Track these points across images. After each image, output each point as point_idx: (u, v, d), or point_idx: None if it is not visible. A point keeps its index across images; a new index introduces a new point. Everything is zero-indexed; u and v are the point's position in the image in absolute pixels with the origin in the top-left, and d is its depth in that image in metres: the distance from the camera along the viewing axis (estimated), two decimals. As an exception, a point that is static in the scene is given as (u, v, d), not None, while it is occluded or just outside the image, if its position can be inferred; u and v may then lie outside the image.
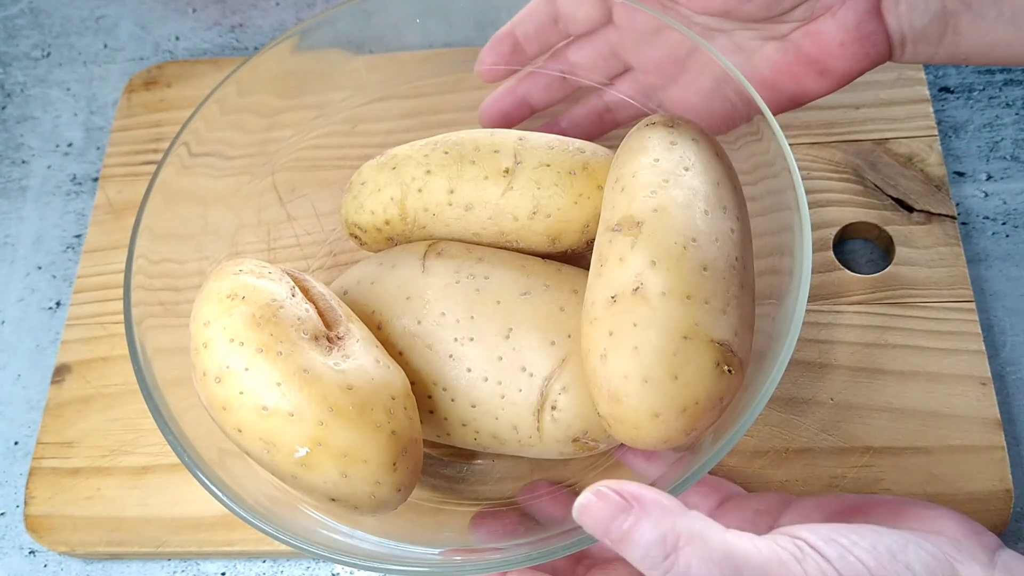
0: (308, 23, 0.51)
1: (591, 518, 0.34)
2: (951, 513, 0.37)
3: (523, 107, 0.54)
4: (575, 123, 0.54)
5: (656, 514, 0.33)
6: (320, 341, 0.41)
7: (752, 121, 0.45)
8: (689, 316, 0.38)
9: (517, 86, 0.53)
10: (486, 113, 0.54)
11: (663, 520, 0.33)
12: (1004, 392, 0.52)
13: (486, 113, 0.54)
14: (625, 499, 0.34)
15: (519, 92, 0.53)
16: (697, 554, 0.32)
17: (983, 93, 0.61)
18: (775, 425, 0.50)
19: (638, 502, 0.33)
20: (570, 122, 0.54)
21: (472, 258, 0.47)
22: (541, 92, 0.53)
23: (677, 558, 0.32)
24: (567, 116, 0.54)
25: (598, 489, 0.34)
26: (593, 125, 0.54)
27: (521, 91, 0.53)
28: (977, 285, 0.55)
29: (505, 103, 0.53)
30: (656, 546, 0.33)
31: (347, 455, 0.39)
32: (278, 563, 0.52)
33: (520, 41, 0.51)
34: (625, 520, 0.33)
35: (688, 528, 0.33)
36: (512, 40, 0.51)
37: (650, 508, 0.33)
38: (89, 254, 0.60)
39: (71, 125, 0.68)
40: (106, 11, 0.73)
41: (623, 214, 0.41)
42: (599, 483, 0.34)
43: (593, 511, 0.34)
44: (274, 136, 0.53)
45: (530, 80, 0.53)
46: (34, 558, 0.53)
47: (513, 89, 0.53)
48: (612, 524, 0.33)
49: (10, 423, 0.57)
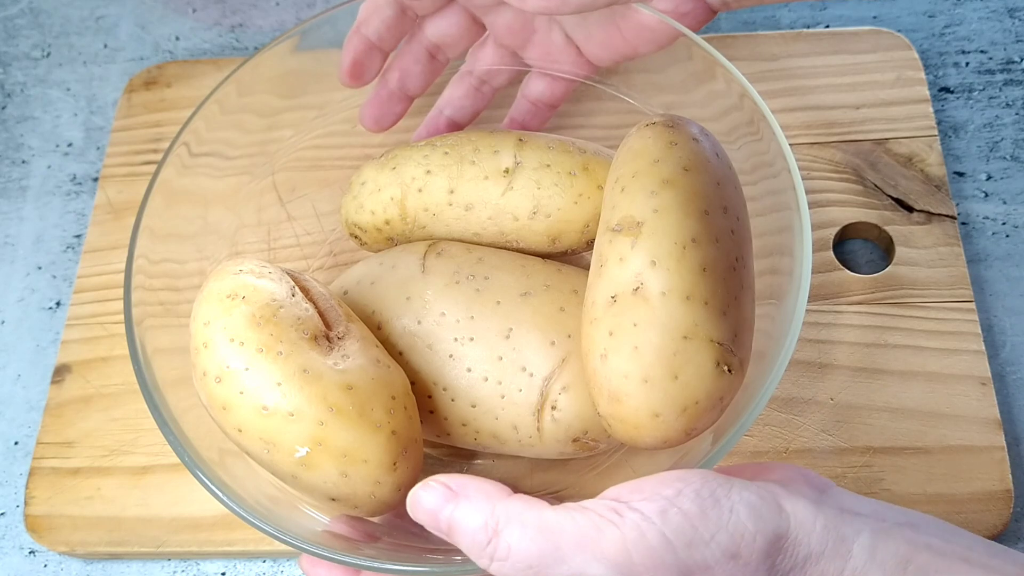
0: (308, 23, 0.51)
1: (422, 511, 0.35)
2: (783, 464, 0.37)
3: (401, 99, 0.53)
4: (457, 107, 0.53)
5: (478, 500, 0.34)
6: (320, 341, 0.41)
7: (752, 121, 0.45)
8: (689, 316, 0.38)
9: (387, 79, 0.52)
10: (365, 117, 0.53)
11: (484, 505, 0.33)
12: (1004, 392, 0.52)
13: (365, 117, 0.53)
14: (450, 489, 0.34)
15: (391, 85, 0.52)
16: (515, 534, 0.33)
17: (983, 93, 0.61)
18: (775, 425, 0.50)
19: (462, 490, 0.34)
20: (452, 108, 0.53)
21: (472, 258, 0.47)
22: (414, 78, 0.52)
23: (498, 541, 0.33)
24: (447, 103, 0.53)
25: (426, 482, 0.35)
26: (474, 102, 0.53)
27: (393, 83, 0.52)
28: (977, 285, 0.55)
29: (381, 99, 0.52)
30: (480, 531, 0.33)
31: (347, 455, 0.39)
32: (278, 563, 0.52)
33: (374, 41, 0.50)
34: (450, 509, 0.34)
35: (506, 510, 0.33)
36: (365, 41, 0.50)
37: (472, 495, 0.34)
38: (89, 254, 0.60)
39: (71, 125, 0.68)
40: (106, 11, 0.72)
41: (623, 214, 0.41)
42: (430, 478, 0.35)
43: (423, 503, 0.35)
44: (274, 136, 0.53)
45: (397, 67, 0.52)
46: (34, 558, 0.53)
47: (384, 83, 0.52)
48: (440, 514, 0.34)
49: (10, 423, 0.57)
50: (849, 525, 0.33)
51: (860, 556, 0.32)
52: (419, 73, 0.52)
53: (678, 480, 0.33)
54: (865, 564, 0.32)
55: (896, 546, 0.33)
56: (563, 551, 0.32)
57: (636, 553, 0.32)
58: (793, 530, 0.33)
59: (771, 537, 0.32)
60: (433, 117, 0.54)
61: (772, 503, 0.33)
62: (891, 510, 0.35)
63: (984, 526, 0.47)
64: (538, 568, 0.32)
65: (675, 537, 0.32)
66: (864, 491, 0.48)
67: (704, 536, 0.32)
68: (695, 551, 0.32)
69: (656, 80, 0.51)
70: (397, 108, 0.53)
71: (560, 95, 0.53)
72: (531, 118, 0.54)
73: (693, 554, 0.32)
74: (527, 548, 0.32)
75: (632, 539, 0.32)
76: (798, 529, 0.33)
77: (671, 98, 0.51)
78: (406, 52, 0.52)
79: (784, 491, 0.34)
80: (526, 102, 0.53)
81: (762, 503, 0.33)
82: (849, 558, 0.32)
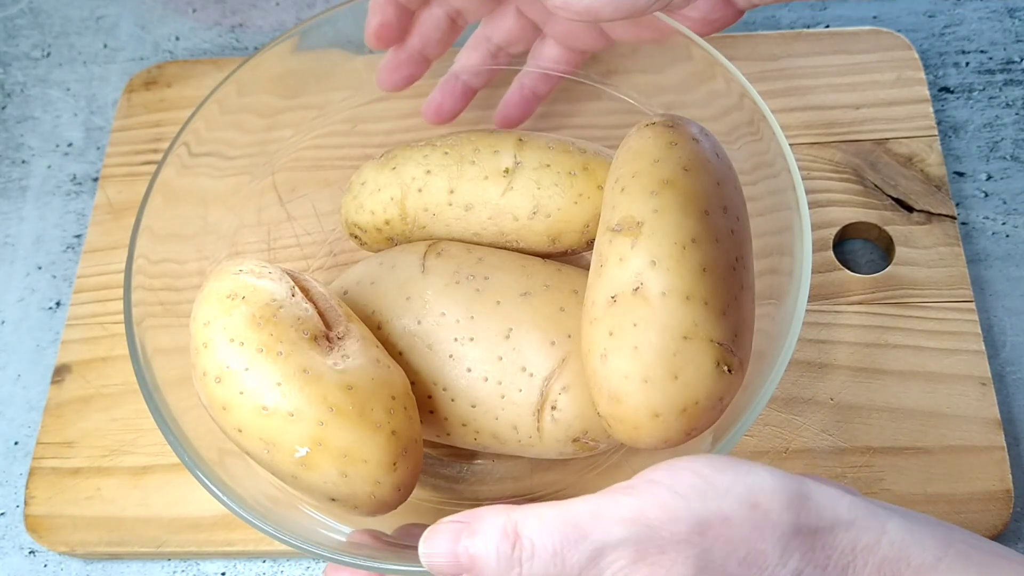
0: (308, 23, 0.51)
1: (438, 557, 0.33)
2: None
3: (420, 63, 0.52)
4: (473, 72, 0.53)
5: (489, 517, 0.33)
6: (320, 341, 0.41)
7: (752, 121, 0.45)
8: (689, 316, 0.38)
9: (407, 43, 0.52)
10: (383, 79, 0.52)
11: (497, 517, 0.33)
12: (1004, 392, 0.52)
13: (383, 79, 0.52)
14: (459, 523, 0.33)
15: (411, 48, 0.52)
16: (535, 527, 0.32)
17: (983, 93, 0.61)
18: (775, 425, 0.50)
19: (472, 521, 0.33)
20: (469, 73, 0.53)
21: (472, 258, 0.47)
22: (434, 44, 0.52)
23: (521, 542, 0.32)
24: (463, 69, 0.53)
25: (431, 529, 0.34)
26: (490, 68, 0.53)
27: (414, 46, 0.52)
28: (977, 285, 0.55)
29: (400, 61, 0.52)
30: (502, 543, 0.32)
31: (347, 455, 0.39)
32: (278, 563, 0.52)
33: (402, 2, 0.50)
34: (466, 542, 0.33)
35: (521, 512, 0.33)
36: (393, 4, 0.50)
37: (483, 526, 0.33)
38: (89, 254, 0.60)
39: (71, 125, 0.68)
40: (106, 11, 0.72)
41: (623, 214, 0.41)
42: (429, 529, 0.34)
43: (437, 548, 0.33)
44: (274, 136, 0.53)
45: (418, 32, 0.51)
46: (34, 558, 0.53)
47: (404, 47, 0.52)
48: (457, 551, 0.33)
49: (10, 423, 0.57)
50: (879, 507, 0.33)
51: (897, 533, 0.31)
52: (439, 40, 0.52)
53: (689, 457, 0.33)
54: (903, 540, 0.31)
55: (933, 530, 0.32)
56: (582, 527, 0.32)
57: (651, 510, 0.31)
58: (815, 495, 0.32)
59: (792, 494, 0.31)
60: (449, 82, 0.54)
61: (794, 479, 0.32)
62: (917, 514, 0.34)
63: (984, 526, 0.47)
64: (563, 552, 0.32)
65: (687, 491, 0.31)
66: (864, 491, 0.48)
67: (719, 489, 0.31)
68: (709, 501, 0.31)
69: (656, 80, 0.51)
70: (416, 71, 0.53)
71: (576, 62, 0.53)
72: (542, 83, 0.53)
73: (708, 504, 0.31)
74: (549, 537, 0.32)
75: (646, 499, 0.31)
76: (821, 497, 0.32)
77: (671, 98, 0.51)
78: (427, 17, 0.51)
79: (811, 476, 0.33)
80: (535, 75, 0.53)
81: (785, 476, 0.32)
82: (884, 533, 0.31)
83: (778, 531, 0.31)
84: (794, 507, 0.31)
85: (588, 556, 0.31)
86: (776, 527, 0.31)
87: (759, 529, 0.31)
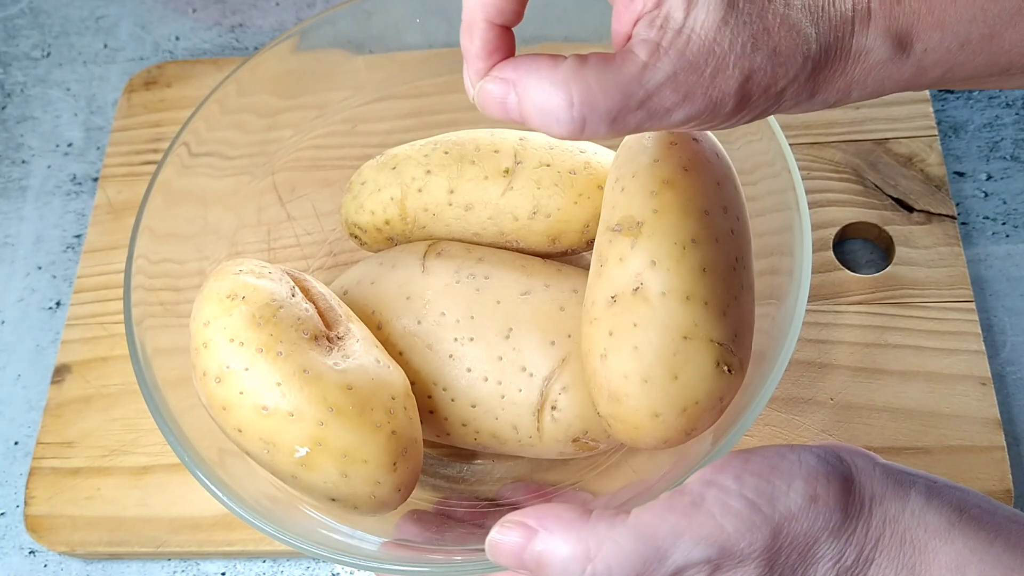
0: (308, 23, 0.51)
1: (503, 554, 0.35)
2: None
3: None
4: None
5: (560, 532, 0.34)
6: (320, 341, 0.41)
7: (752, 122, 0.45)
8: (689, 316, 0.38)
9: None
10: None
11: (569, 536, 0.34)
12: (1004, 392, 0.52)
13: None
14: (527, 526, 0.34)
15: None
16: (612, 553, 0.33)
17: (983, 93, 0.61)
18: (775, 425, 0.50)
19: (541, 524, 0.34)
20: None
21: (472, 258, 0.47)
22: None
23: (596, 567, 0.33)
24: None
25: (502, 523, 0.35)
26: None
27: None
28: (977, 285, 0.55)
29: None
30: (573, 562, 0.33)
31: (347, 455, 0.39)
32: (278, 563, 0.52)
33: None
34: (534, 546, 0.34)
35: (595, 534, 0.33)
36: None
37: (553, 527, 0.34)
38: (89, 254, 0.60)
39: (71, 125, 0.68)
40: (106, 11, 0.73)
41: (623, 214, 0.41)
42: (506, 516, 0.35)
43: (503, 547, 0.35)
44: (274, 136, 0.53)
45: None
46: (34, 558, 0.53)
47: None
48: (524, 555, 0.34)
49: (10, 423, 0.57)
50: (904, 474, 0.35)
51: (917, 500, 0.34)
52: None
53: (741, 452, 0.35)
54: (922, 508, 0.34)
55: (950, 495, 0.34)
56: (663, 548, 0.33)
57: (728, 523, 0.33)
58: (856, 474, 0.34)
59: (842, 480, 0.34)
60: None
61: (833, 454, 0.35)
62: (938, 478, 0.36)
63: (984, 526, 0.47)
64: (645, 574, 0.33)
65: (756, 496, 0.33)
66: (864, 491, 0.48)
67: (782, 488, 0.33)
68: (779, 504, 0.33)
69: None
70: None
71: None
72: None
73: (778, 507, 0.33)
74: (630, 561, 0.33)
75: (719, 512, 0.33)
76: (860, 474, 0.34)
77: (671, 98, 0.50)
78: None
79: (838, 445, 0.35)
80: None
81: (825, 453, 0.34)
82: (908, 500, 0.34)
83: (832, 523, 0.33)
84: (844, 495, 0.34)
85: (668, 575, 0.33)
86: (830, 520, 0.33)
87: (816, 523, 0.33)
